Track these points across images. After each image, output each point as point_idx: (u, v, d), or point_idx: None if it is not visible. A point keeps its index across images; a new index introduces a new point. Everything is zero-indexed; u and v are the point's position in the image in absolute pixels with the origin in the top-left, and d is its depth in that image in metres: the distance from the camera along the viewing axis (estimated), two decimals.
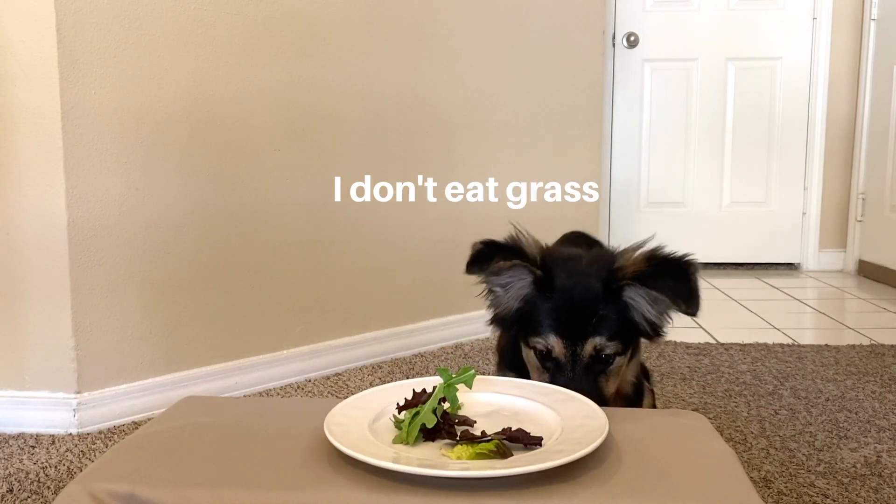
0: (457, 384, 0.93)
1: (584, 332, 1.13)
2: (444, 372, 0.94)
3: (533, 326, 1.17)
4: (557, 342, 1.14)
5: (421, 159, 2.48)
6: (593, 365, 1.14)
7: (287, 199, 2.16)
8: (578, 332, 1.13)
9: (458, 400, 0.93)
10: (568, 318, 1.14)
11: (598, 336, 1.13)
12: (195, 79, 1.94)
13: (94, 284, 1.81)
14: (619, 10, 4.15)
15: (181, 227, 1.95)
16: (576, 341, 1.13)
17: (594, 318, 1.13)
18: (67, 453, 1.68)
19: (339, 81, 2.25)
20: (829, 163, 4.19)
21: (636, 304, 1.15)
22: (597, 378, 1.15)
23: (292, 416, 1.01)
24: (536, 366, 1.19)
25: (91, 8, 1.75)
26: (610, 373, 1.16)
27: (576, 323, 1.13)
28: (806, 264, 4.27)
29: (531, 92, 2.80)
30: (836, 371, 2.26)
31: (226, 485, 0.81)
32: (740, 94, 4.19)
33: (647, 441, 0.90)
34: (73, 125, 1.74)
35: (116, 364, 1.86)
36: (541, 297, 1.16)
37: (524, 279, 1.18)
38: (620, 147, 4.28)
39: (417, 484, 0.77)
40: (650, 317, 1.16)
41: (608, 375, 1.16)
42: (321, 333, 2.28)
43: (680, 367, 2.32)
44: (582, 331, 1.13)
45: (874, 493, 1.46)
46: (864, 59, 4.04)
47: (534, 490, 0.77)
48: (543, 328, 1.15)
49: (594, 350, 1.13)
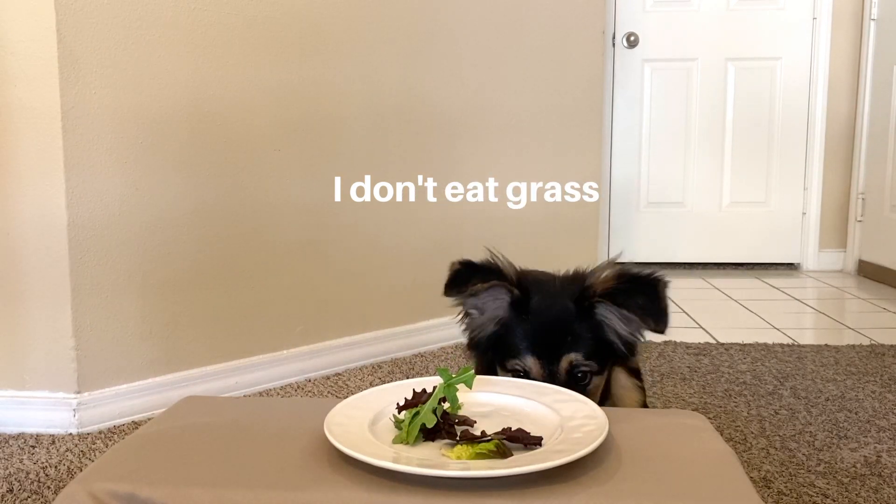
0: (457, 384, 0.93)
1: (558, 350, 1.13)
2: (444, 372, 0.94)
3: (509, 350, 1.17)
4: (534, 362, 1.14)
5: (421, 159, 2.48)
6: (569, 384, 1.12)
7: (287, 199, 2.16)
8: (553, 350, 1.13)
9: (458, 400, 0.93)
10: (543, 337, 1.14)
11: (572, 352, 1.13)
12: (195, 79, 1.94)
13: (94, 284, 1.81)
14: (619, 10, 4.15)
15: (181, 227, 1.95)
16: (551, 360, 1.13)
17: (568, 337, 1.14)
18: (67, 453, 1.68)
19: (339, 81, 2.25)
20: (829, 163, 4.19)
21: (609, 322, 1.15)
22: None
23: (292, 416, 1.01)
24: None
25: (91, 8, 1.75)
26: (587, 393, 1.14)
27: (550, 342, 1.14)
28: (806, 264, 4.27)
29: (531, 92, 2.80)
30: (836, 371, 2.26)
31: (226, 485, 0.81)
32: (740, 94, 4.19)
33: (647, 441, 0.90)
34: (73, 125, 1.74)
35: (116, 364, 1.86)
36: (516, 319, 1.17)
37: (500, 300, 1.18)
38: (620, 147, 4.28)
39: (417, 484, 0.77)
40: (623, 334, 1.16)
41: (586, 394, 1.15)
42: (321, 333, 2.28)
43: (680, 367, 2.32)
44: (556, 349, 1.13)
45: (874, 493, 1.46)
46: (864, 58, 4.04)
47: (534, 490, 0.77)
48: (519, 350, 1.15)
49: (569, 366, 1.13)
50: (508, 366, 1.17)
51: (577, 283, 1.19)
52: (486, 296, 1.19)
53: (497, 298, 1.19)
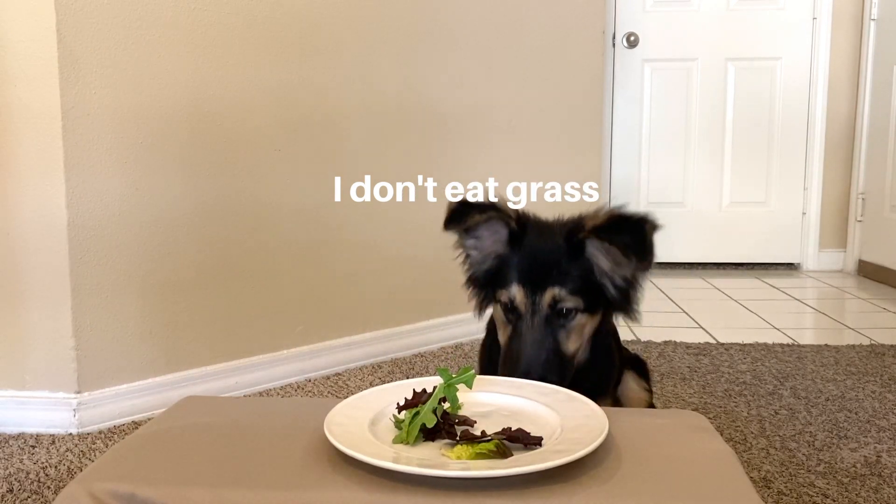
0: (457, 384, 0.93)
1: (543, 282, 1.16)
2: (444, 372, 0.94)
3: (501, 281, 1.21)
4: (519, 292, 1.17)
5: (421, 159, 2.48)
6: (553, 318, 1.17)
7: (287, 199, 2.16)
8: (538, 282, 1.17)
9: (458, 400, 0.93)
10: (530, 270, 1.18)
11: (556, 287, 1.16)
12: (195, 79, 1.94)
13: (94, 284, 1.81)
14: (619, 10, 4.15)
15: (181, 227, 1.95)
16: (535, 291, 1.17)
17: (554, 271, 1.17)
18: (67, 453, 1.68)
19: (340, 81, 2.26)
20: (829, 163, 4.19)
21: (597, 260, 1.18)
22: (556, 331, 1.17)
23: (292, 416, 1.01)
24: (503, 320, 1.22)
25: (91, 8, 1.75)
26: (570, 329, 1.18)
27: (537, 275, 1.17)
28: (806, 264, 4.27)
29: (531, 92, 2.80)
30: (836, 371, 2.26)
31: (226, 485, 0.81)
32: (740, 94, 4.19)
33: (647, 441, 0.90)
34: (73, 125, 1.74)
35: (116, 364, 1.86)
36: (511, 253, 1.21)
37: (498, 234, 1.23)
38: (620, 147, 4.28)
39: (417, 484, 0.77)
40: (612, 276, 1.19)
41: (568, 331, 1.18)
42: (321, 333, 2.28)
43: (680, 367, 2.32)
44: (542, 282, 1.17)
45: (874, 493, 1.46)
46: (864, 59, 4.04)
47: (534, 490, 0.77)
48: (508, 281, 1.19)
49: (553, 300, 1.16)
50: (498, 296, 1.21)
51: (572, 223, 1.22)
52: (484, 232, 1.23)
53: (495, 233, 1.23)
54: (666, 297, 3.52)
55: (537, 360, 1.15)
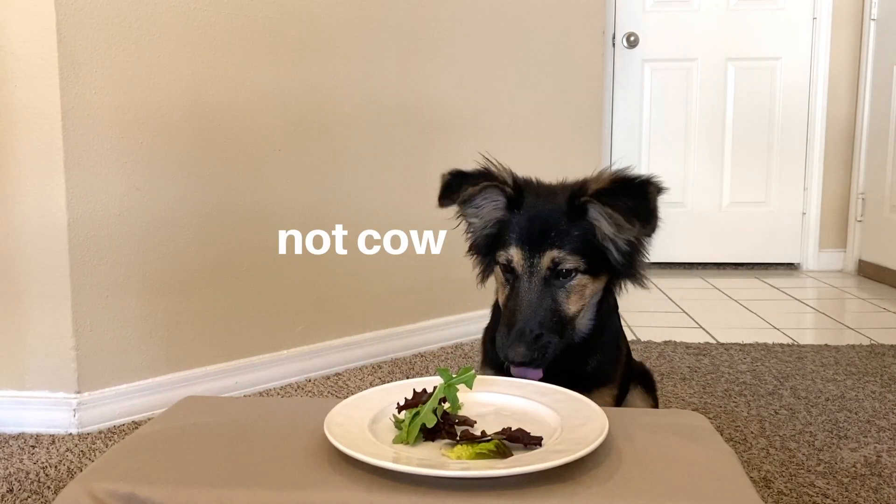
0: (457, 384, 0.93)
1: (542, 244, 1.15)
2: (444, 372, 0.94)
3: (500, 243, 1.20)
4: (517, 252, 1.16)
5: (421, 159, 2.48)
6: (551, 279, 1.16)
7: (287, 199, 2.16)
8: (537, 244, 1.15)
9: (458, 400, 0.93)
10: (529, 231, 1.17)
11: (555, 248, 1.15)
12: (195, 79, 1.94)
13: (94, 284, 1.81)
14: (619, 10, 4.15)
15: (181, 227, 1.95)
16: (534, 252, 1.15)
17: (553, 232, 1.15)
18: (67, 453, 1.68)
19: (340, 82, 2.25)
20: (829, 163, 4.19)
21: (599, 224, 1.16)
22: (554, 291, 1.16)
23: (292, 416, 1.01)
24: (501, 282, 1.22)
25: (91, 8, 1.75)
26: (570, 289, 1.16)
27: (536, 236, 1.16)
28: (806, 264, 4.27)
29: (531, 92, 2.80)
30: (836, 371, 2.26)
31: (226, 485, 0.81)
32: (740, 94, 4.19)
33: (647, 441, 0.90)
34: (73, 125, 1.74)
35: (116, 364, 1.86)
36: (511, 217, 1.20)
37: (497, 202, 1.22)
38: (620, 147, 4.28)
39: (417, 484, 0.77)
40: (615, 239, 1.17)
41: (568, 291, 1.17)
42: (321, 333, 2.28)
43: (680, 367, 2.32)
44: (541, 243, 1.15)
45: (874, 492, 1.46)
46: (864, 59, 4.04)
47: (534, 490, 0.77)
48: (507, 242, 1.18)
49: (552, 263, 1.15)
50: (497, 258, 1.20)
51: (575, 186, 1.20)
52: (482, 200, 1.22)
53: (493, 201, 1.22)
54: (666, 297, 3.52)
55: (534, 318, 1.13)
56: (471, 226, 1.27)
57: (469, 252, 1.29)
